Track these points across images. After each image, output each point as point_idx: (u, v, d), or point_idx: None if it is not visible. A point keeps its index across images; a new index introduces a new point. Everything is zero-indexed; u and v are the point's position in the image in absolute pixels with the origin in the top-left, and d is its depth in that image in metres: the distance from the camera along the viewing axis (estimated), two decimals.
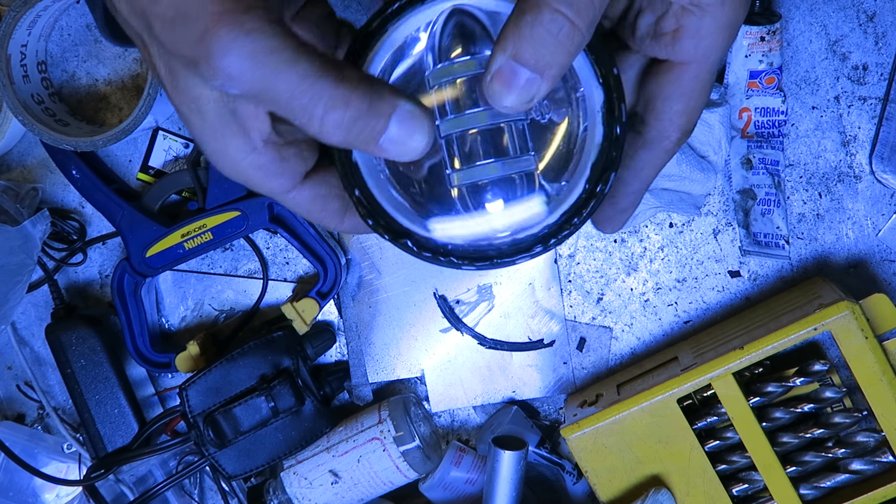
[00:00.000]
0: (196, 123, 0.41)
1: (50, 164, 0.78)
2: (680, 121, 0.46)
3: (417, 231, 0.45)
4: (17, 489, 0.82)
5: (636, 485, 0.72)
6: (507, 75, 0.38)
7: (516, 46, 0.38)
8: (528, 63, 0.38)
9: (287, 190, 0.44)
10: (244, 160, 0.42)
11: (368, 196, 0.45)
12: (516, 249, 0.44)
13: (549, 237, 0.43)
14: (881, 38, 0.71)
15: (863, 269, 0.75)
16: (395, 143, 0.39)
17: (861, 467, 0.68)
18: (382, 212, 0.45)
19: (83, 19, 0.76)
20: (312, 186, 0.45)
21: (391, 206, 0.45)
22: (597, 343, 0.78)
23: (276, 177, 0.43)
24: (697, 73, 0.44)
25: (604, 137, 0.43)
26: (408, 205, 0.46)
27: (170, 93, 0.40)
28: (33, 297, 0.81)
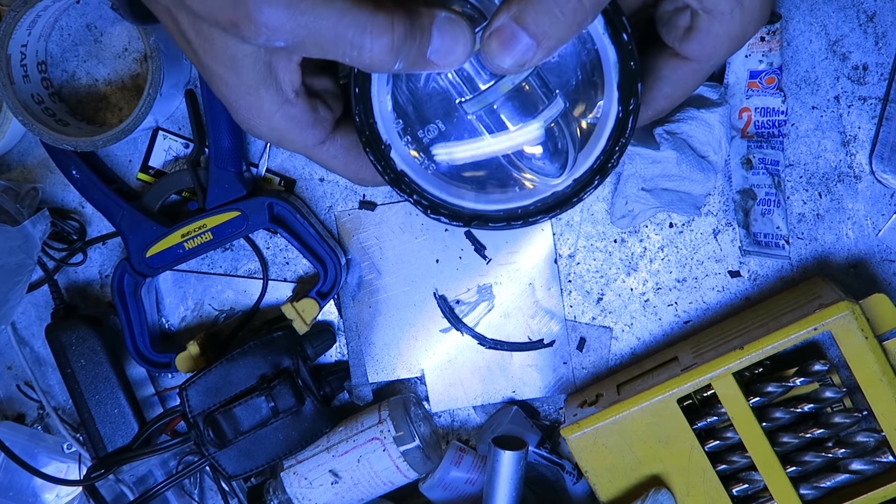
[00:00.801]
0: (231, 82, 0.41)
1: (50, 164, 0.78)
2: (662, 103, 0.48)
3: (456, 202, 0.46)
4: (17, 489, 0.82)
5: (636, 485, 0.72)
6: (505, 36, 0.39)
7: (521, 9, 0.38)
8: (529, 28, 0.38)
9: (321, 140, 0.45)
10: (277, 113, 0.42)
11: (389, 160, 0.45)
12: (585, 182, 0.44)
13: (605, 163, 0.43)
14: (881, 38, 0.71)
15: (863, 269, 0.75)
16: (441, 54, 0.39)
17: (861, 467, 0.68)
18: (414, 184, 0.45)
19: (83, 19, 0.76)
20: (345, 135, 0.46)
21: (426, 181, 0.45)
22: (597, 343, 0.78)
23: (310, 127, 0.44)
24: (696, 70, 0.46)
25: (617, 54, 0.43)
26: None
27: (202, 58, 0.41)
28: (33, 297, 0.81)
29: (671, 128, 0.69)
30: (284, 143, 0.45)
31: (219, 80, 0.42)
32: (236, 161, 0.74)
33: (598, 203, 0.76)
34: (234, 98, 0.42)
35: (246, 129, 0.44)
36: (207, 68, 0.42)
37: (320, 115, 0.44)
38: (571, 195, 0.44)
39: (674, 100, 0.47)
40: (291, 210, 0.74)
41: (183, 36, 0.41)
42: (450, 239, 0.77)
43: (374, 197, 0.77)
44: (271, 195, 0.74)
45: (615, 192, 0.73)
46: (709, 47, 0.44)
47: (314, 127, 0.44)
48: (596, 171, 0.44)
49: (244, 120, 0.43)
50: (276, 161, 0.77)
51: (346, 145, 0.46)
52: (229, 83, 0.41)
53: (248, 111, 0.42)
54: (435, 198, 0.46)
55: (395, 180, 0.45)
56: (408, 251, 0.78)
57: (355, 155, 0.46)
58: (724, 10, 0.42)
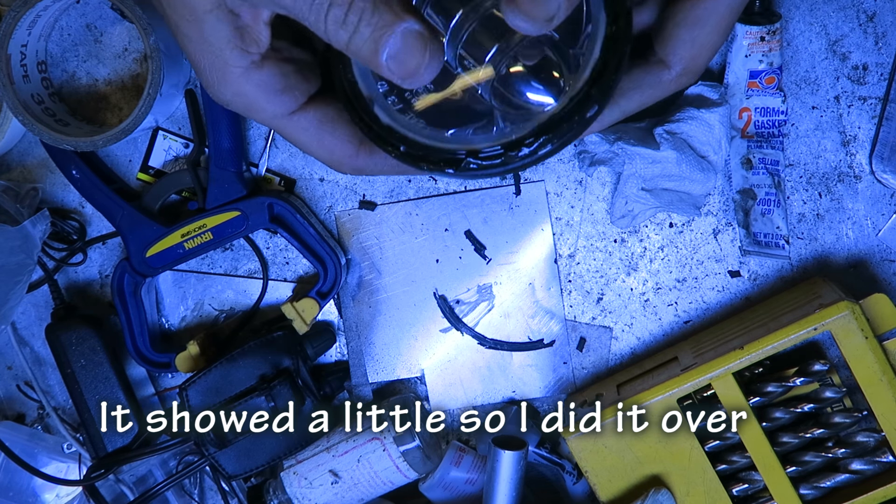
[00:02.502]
0: (195, 39, 0.39)
1: (50, 164, 0.78)
2: (684, 51, 0.43)
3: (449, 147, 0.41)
4: (17, 489, 0.82)
5: (636, 485, 0.72)
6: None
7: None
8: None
9: (290, 110, 0.42)
10: (242, 76, 0.40)
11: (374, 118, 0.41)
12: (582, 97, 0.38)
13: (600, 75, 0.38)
14: (881, 38, 0.71)
15: (863, 269, 0.75)
16: (397, 62, 0.37)
17: (861, 467, 0.68)
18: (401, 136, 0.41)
19: (83, 19, 0.76)
20: (318, 108, 0.43)
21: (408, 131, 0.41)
22: (597, 343, 0.78)
23: (278, 94, 0.41)
24: (715, 8, 0.42)
25: None
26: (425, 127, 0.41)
27: (168, 13, 0.39)
28: (33, 297, 0.81)
29: (671, 128, 0.69)
30: (252, 111, 0.42)
31: (183, 36, 0.40)
32: (236, 161, 0.74)
33: (598, 203, 0.76)
34: (198, 57, 0.40)
35: (212, 94, 0.41)
36: (173, 24, 0.40)
37: (290, 82, 0.41)
38: (571, 113, 0.39)
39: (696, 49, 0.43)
40: (291, 210, 0.74)
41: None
42: (450, 239, 0.77)
43: (374, 197, 0.77)
44: (271, 195, 0.74)
45: (615, 192, 0.73)
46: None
47: (283, 94, 0.41)
48: (591, 83, 0.39)
49: (210, 83, 0.41)
50: (276, 161, 0.77)
51: (319, 118, 0.43)
52: (193, 40, 0.39)
53: (212, 73, 0.40)
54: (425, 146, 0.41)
55: (379, 136, 0.41)
56: (408, 251, 0.78)
57: (329, 130, 0.43)
58: None
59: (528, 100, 0.40)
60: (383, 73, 0.38)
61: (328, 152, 0.44)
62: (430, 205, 0.77)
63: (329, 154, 0.44)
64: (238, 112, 0.42)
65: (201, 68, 0.41)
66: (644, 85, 0.44)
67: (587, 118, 0.39)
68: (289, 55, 0.42)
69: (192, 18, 0.39)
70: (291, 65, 0.42)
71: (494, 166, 0.40)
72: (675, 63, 0.44)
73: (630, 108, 0.45)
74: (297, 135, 0.43)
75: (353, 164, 0.45)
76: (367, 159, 0.45)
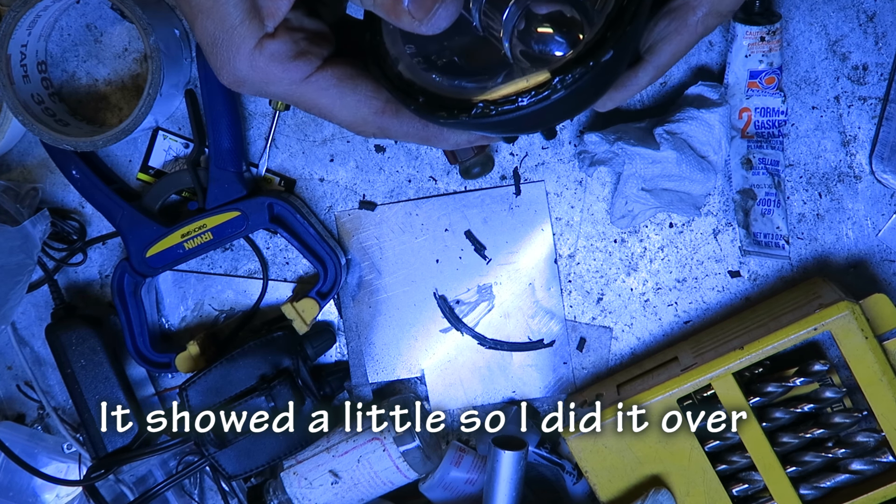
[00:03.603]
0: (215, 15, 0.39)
1: (50, 164, 0.78)
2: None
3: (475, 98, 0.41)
4: (17, 489, 0.82)
5: (636, 485, 0.72)
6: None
7: None
8: None
9: (306, 73, 0.42)
10: (257, 48, 0.40)
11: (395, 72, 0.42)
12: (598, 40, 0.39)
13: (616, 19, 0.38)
14: (881, 38, 0.71)
15: (863, 269, 0.75)
16: (415, 5, 0.37)
17: (861, 467, 0.68)
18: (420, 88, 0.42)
19: (83, 19, 0.76)
20: (336, 66, 0.43)
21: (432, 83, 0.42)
22: (597, 343, 0.78)
23: (293, 60, 0.41)
24: None
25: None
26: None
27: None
28: (33, 297, 0.81)
29: (671, 128, 0.69)
30: (269, 83, 0.42)
31: (203, 14, 0.40)
32: (236, 161, 0.74)
33: (598, 203, 0.76)
34: (216, 34, 0.40)
35: (226, 72, 0.41)
36: (192, 2, 0.40)
37: (303, 48, 0.41)
38: (584, 57, 0.39)
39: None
40: (291, 210, 0.74)
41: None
42: (450, 239, 0.77)
43: (374, 197, 0.77)
44: (271, 195, 0.74)
45: (615, 192, 0.73)
46: None
47: (298, 59, 0.41)
48: (606, 27, 0.39)
49: (224, 61, 0.41)
50: (276, 161, 0.77)
51: (338, 76, 0.42)
52: (213, 17, 0.39)
53: (227, 49, 0.40)
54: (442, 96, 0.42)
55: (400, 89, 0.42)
56: (408, 251, 0.78)
57: (350, 87, 0.43)
58: None
59: (547, 51, 0.40)
60: (405, 24, 0.38)
61: (351, 111, 0.43)
62: (430, 205, 0.77)
63: (353, 113, 0.43)
64: (254, 92, 0.42)
65: (214, 44, 0.40)
66: (671, 33, 0.43)
67: (602, 62, 0.39)
68: (300, 24, 0.42)
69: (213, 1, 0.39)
70: (303, 32, 0.42)
71: (508, 111, 0.40)
72: (700, 3, 0.42)
73: (663, 62, 0.44)
74: (318, 97, 0.42)
75: (378, 122, 0.44)
76: (393, 119, 0.44)
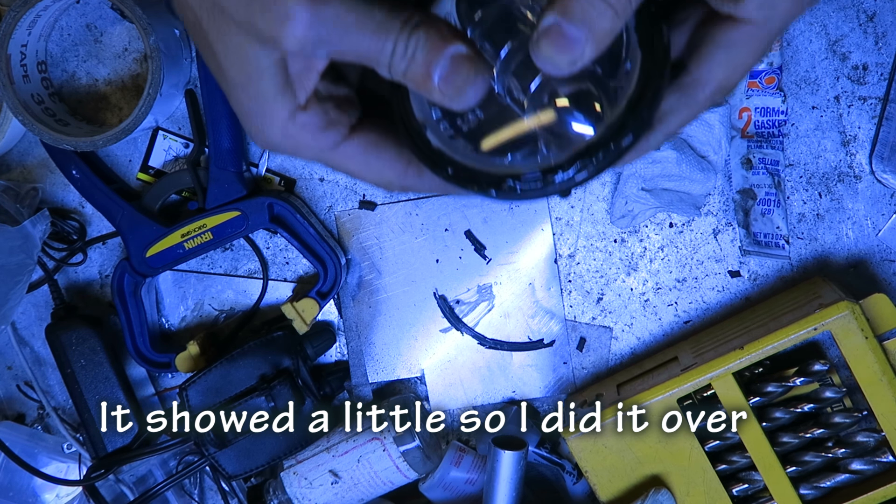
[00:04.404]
0: (251, 91, 0.41)
1: (50, 164, 0.78)
2: (719, 72, 0.45)
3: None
4: (17, 489, 0.82)
5: (636, 485, 0.72)
6: (555, 35, 0.38)
7: (565, 6, 0.38)
8: (576, 23, 0.38)
9: (336, 143, 0.44)
10: (290, 120, 0.42)
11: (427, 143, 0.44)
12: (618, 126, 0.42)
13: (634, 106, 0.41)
14: (881, 38, 0.71)
15: (863, 269, 0.75)
16: (446, 83, 0.39)
17: (861, 467, 0.68)
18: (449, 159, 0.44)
19: (83, 19, 0.76)
20: (361, 135, 0.45)
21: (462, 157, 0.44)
22: (597, 343, 0.78)
23: (323, 131, 0.44)
24: (754, 33, 0.43)
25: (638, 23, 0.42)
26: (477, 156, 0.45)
27: (224, 65, 0.41)
28: (33, 297, 0.81)
29: None
30: (300, 149, 0.44)
31: (240, 88, 0.42)
32: (236, 161, 0.74)
33: (598, 203, 0.76)
34: (253, 107, 0.42)
35: (261, 141, 0.44)
36: (228, 77, 0.42)
37: (332, 117, 0.44)
38: (606, 140, 0.42)
39: (731, 69, 0.44)
40: (291, 210, 0.74)
41: (207, 44, 0.41)
42: (450, 239, 0.77)
43: (374, 197, 0.77)
44: (271, 195, 0.74)
45: (615, 192, 0.73)
46: (767, 7, 0.42)
47: (327, 130, 0.44)
48: (628, 113, 0.42)
49: (260, 129, 0.43)
50: (276, 161, 0.77)
51: (363, 144, 0.45)
52: (250, 92, 0.42)
53: (263, 119, 0.42)
54: (471, 169, 0.44)
55: (430, 158, 0.44)
56: (408, 251, 0.78)
57: (375, 154, 0.46)
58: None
59: (570, 129, 0.43)
60: (434, 97, 0.40)
61: (377, 174, 0.46)
62: (430, 205, 0.77)
63: (378, 175, 0.46)
64: (286, 154, 0.45)
65: (251, 115, 0.43)
66: (680, 106, 0.46)
67: (622, 146, 0.41)
68: (328, 93, 0.44)
69: (252, 73, 0.41)
70: (331, 101, 0.44)
71: (534, 190, 0.43)
72: (709, 82, 0.45)
73: (671, 130, 0.47)
74: (346, 163, 0.45)
75: (403, 182, 0.47)
76: (416, 178, 0.47)
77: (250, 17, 0.38)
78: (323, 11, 0.38)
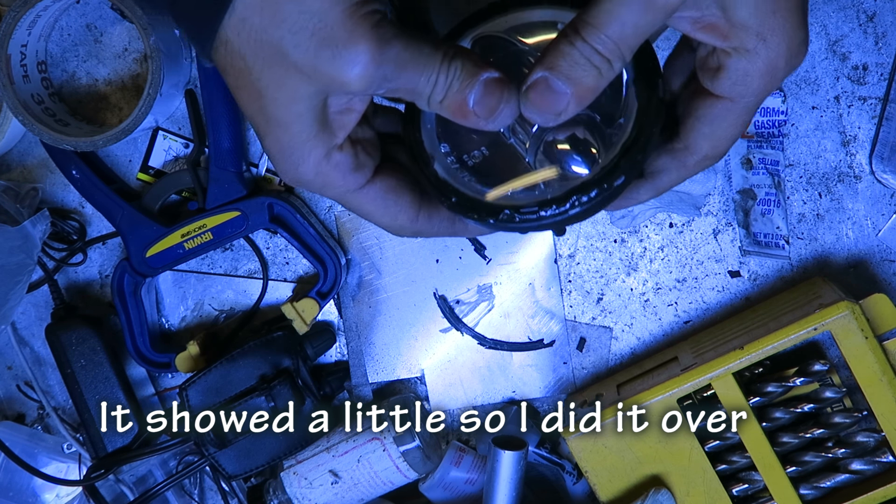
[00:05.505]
0: (293, 130, 0.44)
1: (50, 164, 0.78)
2: (704, 144, 0.49)
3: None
4: (17, 489, 0.82)
5: (636, 485, 0.72)
6: (541, 89, 0.42)
7: (553, 63, 0.42)
8: (562, 79, 0.42)
9: (361, 185, 0.47)
10: (324, 159, 0.45)
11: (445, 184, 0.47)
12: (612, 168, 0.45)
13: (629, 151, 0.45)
14: (881, 38, 0.71)
15: (863, 269, 0.75)
16: (480, 106, 0.43)
17: (861, 467, 0.68)
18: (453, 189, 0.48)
19: (83, 19, 0.76)
20: (383, 180, 0.48)
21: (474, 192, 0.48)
22: (597, 343, 0.78)
23: (353, 172, 0.46)
24: (732, 108, 0.47)
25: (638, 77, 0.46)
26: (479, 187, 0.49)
27: (266, 105, 0.43)
28: (33, 297, 0.81)
29: None
30: (327, 188, 0.47)
31: (283, 127, 0.44)
32: (236, 161, 0.74)
33: None
34: (293, 144, 0.44)
35: (292, 176, 0.46)
36: (274, 118, 0.44)
37: (360, 160, 0.47)
38: (600, 181, 0.45)
39: (715, 140, 0.49)
40: (291, 210, 0.74)
41: (254, 88, 0.43)
42: (450, 239, 0.77)
43: None
44: (271, 195, 0.74)
45: None
46: (739, 85, 0.45)
47: (356, 172, 0.47)
48: (620, 156, 0.45)
49: (294, 165, 0.45)
50: None
51: (384, 188, 0.48)
52: (293, 131, 0.44)
53: (300, 156, 0.45)
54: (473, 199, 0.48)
55: (436, 188, 0.48)
56: (408, 251, 0.78)
57: (393, 199, 0.49)
58: (749, 48, 0.44)
59: (567, 168, 0.47)
60: (470, 121, 0.44)
61: (391, 218, 0.50)
62: None
63: (392, 220, 0.50)
64: (311, 190, 0.47)
65: (285, 151, 0.45)
66: (672, 168, 0.50)
67: (615, 186, 0.45)
68: (358, 136, 0.47)
69: (295, 112, 0.43)
70: (360, 144, 0.47)
71: (530, 221, 0.46)
72: (697, 151, 0.49)
73: (662, 186, 0.51)
74: (365, 205, 0.49)
75: (414, 227, 0.51)
76: (426, 223, 0.51)
77: (318, 63, 0.41)
78: (385, 53, 0.41)
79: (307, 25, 0.40)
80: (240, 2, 0.41)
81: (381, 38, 0.41)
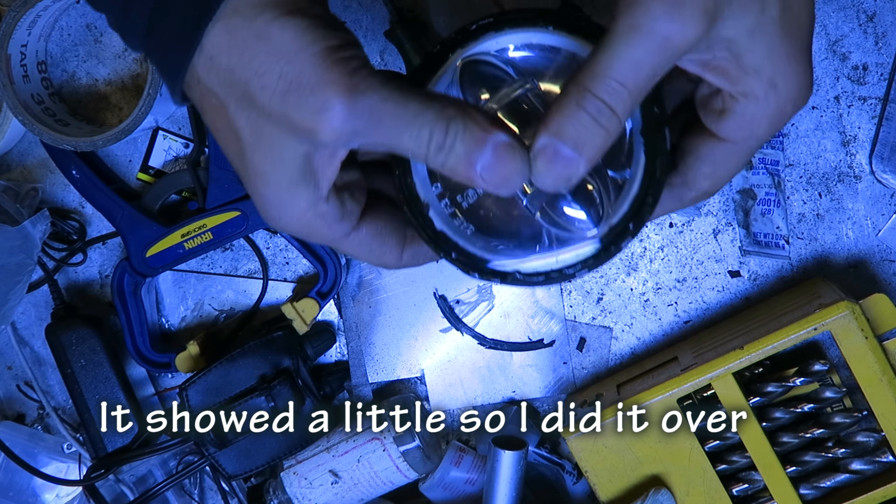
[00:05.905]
0: (273, 180, 0.42)
1: (50, 164, 0.78)
2: (703, 183, 0.48)
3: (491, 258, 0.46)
4: (17, 489, 0.82)
5: (636, 485, 0.72)
6: (549, 155, 0.40)
7: (560, 128, 0.40)
8: (570, 144, 0.40)
9: (348, 233, 0.46)
10: (310, 210, 0.43)
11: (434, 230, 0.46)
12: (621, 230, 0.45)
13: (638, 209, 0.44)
14: (881, 38, 0.71)
15: (863, 269, 0.75)
16: (490, 172, 0.40)
17: (861, 467, 0.68)
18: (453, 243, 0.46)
19: (83, 19, 0.76)
20: (369, 224, 0.47)
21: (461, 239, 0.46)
22: (597, 343, 0.78)
23: (338, 221, 0.45)
24: (734, 150, 0.46)
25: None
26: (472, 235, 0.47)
27: (248, 155, 0.42)
28: (33, 297, 0.81)
29: None
30: (312, 236, 0.46)
31: (261, 177, 0.42)
32: None
33: None
34: (272, 195, 0.43)
35: (276, 224, 0.45)
36: (252, 165, 0.42)
37: (347, 208, 0.45)
38: (609, 244, 0.45)
39: (715, 180, 0.48)
40: None
41: (232, 130, 0.41)
42: None
43: None
44: None
45: None
46: (745, 129, 0.44)
47: (342, 221, 0.45)
48: (629, 218, 0.44)
49: (277, 216, 0.44)
50: None
51: (371, 233, 0.47)
52: (271, 181, 0.42)
53: (282, 208, 0.43)
54: (474, 256, 0.46)
55: (433, 240, 0.46)
56: None
57: (380, 242, 0.48)
58: (759, 94, 0.42)
59: (570, 220, 0.46)
60: (477, 185, 0.41)
61: (378, 259, 0.48)
62: None
63: (378, 260, 0.49)
64: (298, 236, 0.46)
65: (271, 203, 0.43)
66: (667, 202, 0.49)
67: (621, 249, 0.45)
68: (342, 181, 0.45)
69: (277, 162, 0.41)
70: (347, 190, 0.45)
71: (537, 282, 0.46)
72: (695, 188, 0.48)
73: (655, 216, 0.50)
74: (353, 249, 0.47)
75: (399, 264, 0.49)
76: (411, 258, 0.49)
77: (285, 109, 0.39)
78: (359, 103, 0.39)
79: (274, 68, 0.38)
80: (208, 41, 0.39)
81: (355, 88, 0.38)
